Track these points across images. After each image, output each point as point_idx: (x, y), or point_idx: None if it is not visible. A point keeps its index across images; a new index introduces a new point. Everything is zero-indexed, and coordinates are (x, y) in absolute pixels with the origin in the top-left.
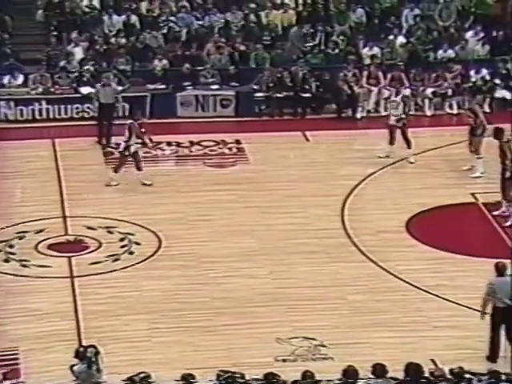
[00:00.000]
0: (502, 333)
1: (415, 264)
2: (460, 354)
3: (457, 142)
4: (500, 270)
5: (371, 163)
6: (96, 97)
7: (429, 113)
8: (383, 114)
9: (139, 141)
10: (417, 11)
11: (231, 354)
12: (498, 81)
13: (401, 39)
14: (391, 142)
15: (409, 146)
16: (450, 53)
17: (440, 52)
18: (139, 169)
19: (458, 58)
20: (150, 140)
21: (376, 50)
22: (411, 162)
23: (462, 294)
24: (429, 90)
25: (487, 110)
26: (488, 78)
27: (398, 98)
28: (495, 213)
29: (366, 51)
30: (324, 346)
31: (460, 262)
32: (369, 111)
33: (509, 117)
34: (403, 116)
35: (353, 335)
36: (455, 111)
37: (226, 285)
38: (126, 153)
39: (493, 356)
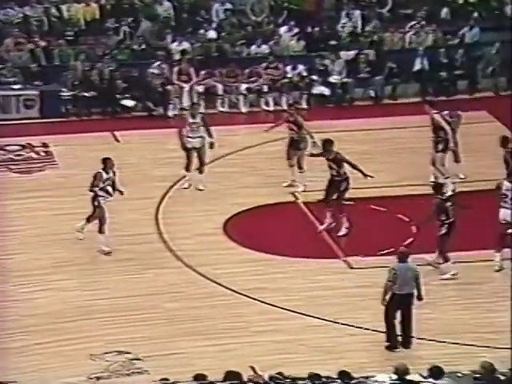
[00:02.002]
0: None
1: (233, 267)
2: (280, 359)
3: (274, 139)
4: (402, 257)
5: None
6: None
7: (244, 109)
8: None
9: None
10: (228, 5)
11: (42, 376)
12: (315, 77)
13: (211, 34)
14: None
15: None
16: (264, 48)
17: (253, 47)
18: None
19: (273, 53)
20: None
21: (186, 45)
22: None
23: (282, 296)
24: (243, 87)
25: (305, 106)
26: (305, 74)
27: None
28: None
29: (175, 46)
30: (139, 360)
31: (280, 263)
32: (182, 109)
33: (327, 113)
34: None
35: (170, 346)
36: (271, 108)
37: (37, 300)
38: None
39: (393, 343)
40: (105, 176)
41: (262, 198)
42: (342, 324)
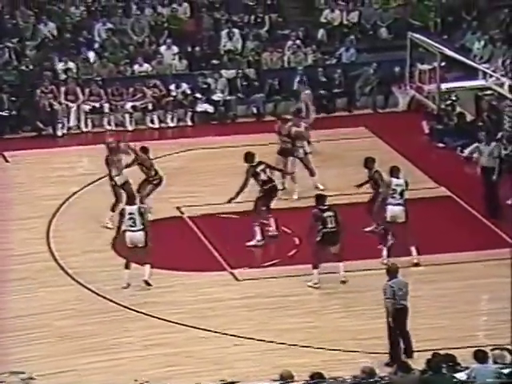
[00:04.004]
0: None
1: (123, 283)
2: (169, 372)
3: (160, 155)
4: (393, 272)
5: (75, 181)
6: None
7: (130, 127)
8: (84, 130)
9: None
10: (109, 25)
11: None
12: (198, 95)
13: (94, 54)
14: None
15: None
16: (147, 67)
17: (136, 66)
18: None
19: (157, 72)
20: None
21: (71, 65)
22: None
23: (170, 309)
24: (128, 105)
25: (189, 123)
26: (189, 92)
27: None
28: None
29: (61, 66)
30: (33, 379)
31: (167, 277)
32: (70, 128)
33: (211, 129)
34: None
35: (63, 363)
36: (157, 125)
37: None
38: None
39: (396, 359)
40: None
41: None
42: (229, 335)
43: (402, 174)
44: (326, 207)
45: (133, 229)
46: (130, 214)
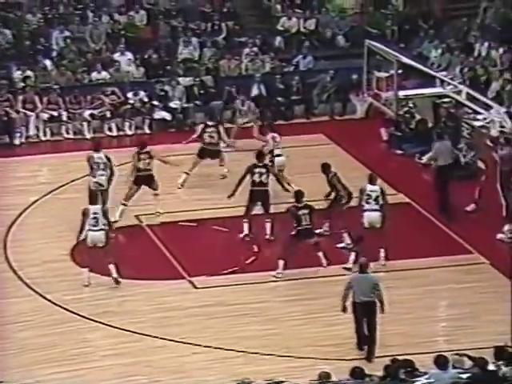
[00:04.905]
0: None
1: (82, 293)
2: (129, 382)
3: (120, 163)
4: (361, 267)
5: (34, 191)
6: None
7: (88, 136)
8: (43, 138)
9: None
10: (67, 33)
11: None
12: (156, 102)
13: (51, 62)
14: None
15: None
16: (105, 75)
17: (94, 74)
18: None
19: (115, 80)
20: None
21: (29, 73)
22: None
23: (129, 319)
24: (87, 113)
25: (147, 131)
26: (146, 99)
27: None
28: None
29: (18, 75)
30: None
31: (126, 286)
32: (28, 137)
33: (169, 137)
34: None
35: (24, 375)
36: (115, 133)
37: None
38: None
39: (359, 344)
40: None
41: None
42: (188, 344)
43: (378, 182)
44: (301, 205)
45: (94, 228)
46: (94, 213)
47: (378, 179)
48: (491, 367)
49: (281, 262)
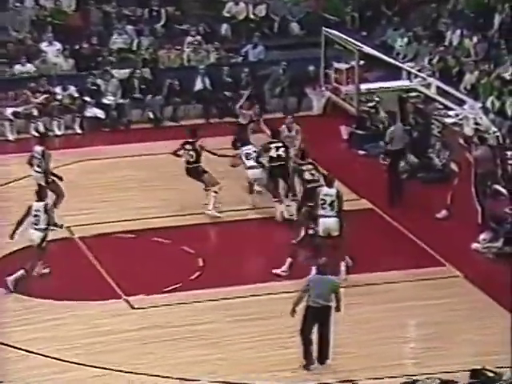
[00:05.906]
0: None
1: (5, 317)
2: None
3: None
4: (321, 268)
5: None
6: None
7: (11, 137)
8: None
9: None
10: None
11: None
12: (87, 98)
13: None
14: None
15: None
16: (30, 67)
17: (17, 67)
18: None
19: (40, 72)
20: None
21: None
22: None
23: (60, 345)
24: (9, 111)
25: (78, 130)
26: (76, 95)
27: None
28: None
29: None
30: None
31: (57, 308)
32: None
33: (102, 138)
34: None
35: None
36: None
37: None
38: None
39: (308, 361)
40: None
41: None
42: (124, 372)
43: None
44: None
45: (35, 227)
46: (36, 211)
47: (337, 182)
48: None
49: (288, 260)
